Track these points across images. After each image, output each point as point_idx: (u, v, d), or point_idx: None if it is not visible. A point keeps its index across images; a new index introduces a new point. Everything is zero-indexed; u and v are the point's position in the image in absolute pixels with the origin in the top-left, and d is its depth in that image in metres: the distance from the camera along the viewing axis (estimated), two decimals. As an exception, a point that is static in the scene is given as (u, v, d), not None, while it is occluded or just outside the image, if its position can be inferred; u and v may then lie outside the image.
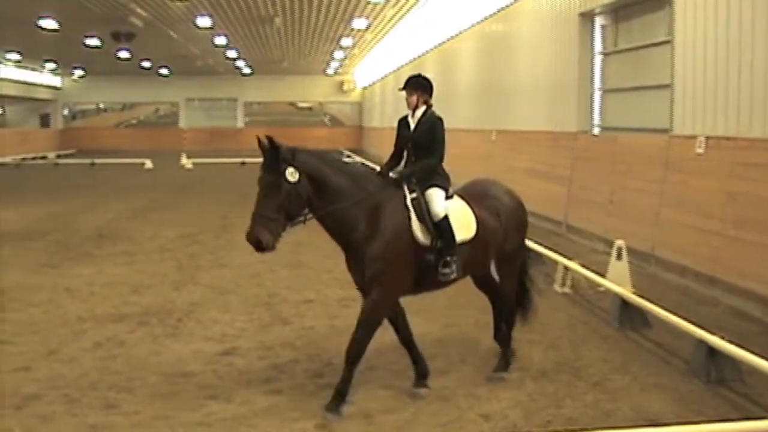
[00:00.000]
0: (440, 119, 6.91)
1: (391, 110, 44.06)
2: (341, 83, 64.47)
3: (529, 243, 8.97)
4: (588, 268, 10.56)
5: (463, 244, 6.75)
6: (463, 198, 6.99)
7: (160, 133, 64.01)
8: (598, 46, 16.54)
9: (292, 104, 67.06)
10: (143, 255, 14.13)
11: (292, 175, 6.16)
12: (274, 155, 6.15)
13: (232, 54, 48.38)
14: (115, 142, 61.20)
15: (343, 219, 6.41)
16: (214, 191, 26.90)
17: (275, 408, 6.61)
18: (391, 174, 6.86)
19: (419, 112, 6.94)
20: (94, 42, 40.46)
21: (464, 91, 27.47)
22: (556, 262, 11.38)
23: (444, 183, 6.86)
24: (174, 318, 9.60)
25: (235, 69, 57.98)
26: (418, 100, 6.94)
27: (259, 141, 6.17)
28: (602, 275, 10.13)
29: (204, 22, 34.54)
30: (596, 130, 16.65)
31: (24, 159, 46.54)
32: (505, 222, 7.16)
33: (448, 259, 6.61)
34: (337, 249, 6.64)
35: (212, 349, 8.32)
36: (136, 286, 11.39)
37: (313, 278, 11.93)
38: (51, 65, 55.76)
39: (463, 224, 6.77)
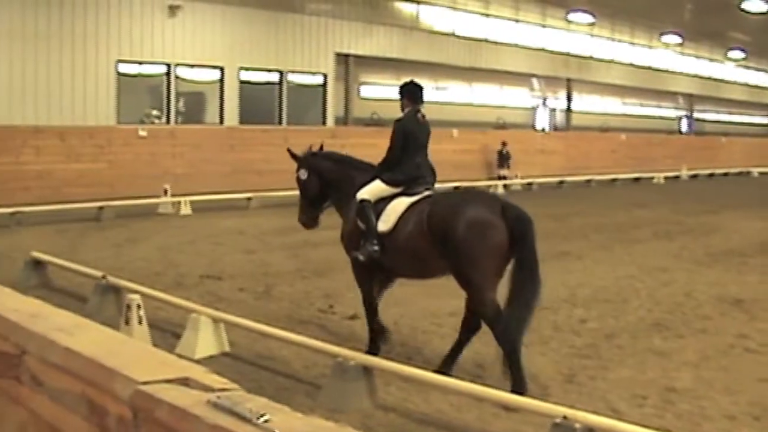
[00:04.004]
0: (397, 122, 7.46)
1: None
2: None
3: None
4: None
5: (382, 234, 7.08)
6: (427, 199, 7.15)
7: None
8: None
9: None
10: None
11: (303, 174, 7.92)
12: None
13: None
14: None
15: (339, 208, 7.84)
16: None
17: None
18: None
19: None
20: None
21: None
22: None
23: (392, 180, 7.28)
24: None
25: None
26: (402, 105, 7.59)
27: (290, 152, 8.13)
28: None
29: None
30: None
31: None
32: (438, 236, 6.79)
33: (362, 241, 7.13)
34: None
35: None
36: None
37: None
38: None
39: (388, 218, 7.10)
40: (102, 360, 1.81)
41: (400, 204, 7.15)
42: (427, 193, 7.27)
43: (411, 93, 7.55)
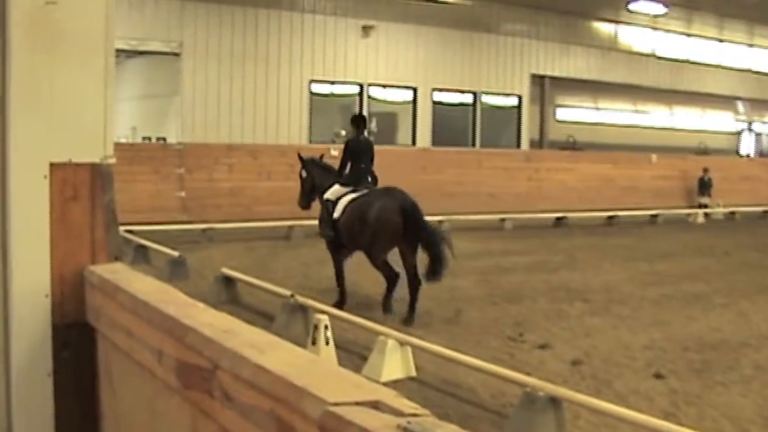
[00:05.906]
0: (345, 142, 11.00)
1: None
2: None
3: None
4: None
5: (335, 220, 10.30)
6: (364, 194, 10.31)
7: None
8: None
9: None
10: None
11: (303, 173, 11.23)
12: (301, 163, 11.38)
13: None
14: None
15: (320, 200, 10.85)
16: None
17: None
18: None
19: None
20: None
21: None
22: None
23: (344, 182, 10.57)
24: None
25: None
26: (351, 129, 11.22)
27: (299, 155, 11.56)
28: None
29: None
30: None
31: None
32: (355, 220, 10.10)
33: (323, 225, 10.64)
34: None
35: None
36: None
37: None
38: None
39: (339, 208, 10.28)
40: (292, 379, 1.78)
41: (347, 198, 10.30)
42: (366, 191, 10.34)
43: (356, 123, 11.03)
